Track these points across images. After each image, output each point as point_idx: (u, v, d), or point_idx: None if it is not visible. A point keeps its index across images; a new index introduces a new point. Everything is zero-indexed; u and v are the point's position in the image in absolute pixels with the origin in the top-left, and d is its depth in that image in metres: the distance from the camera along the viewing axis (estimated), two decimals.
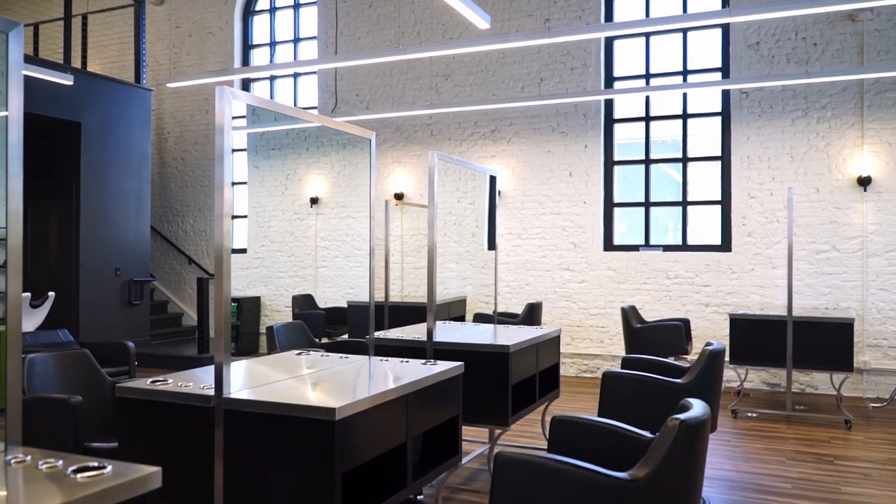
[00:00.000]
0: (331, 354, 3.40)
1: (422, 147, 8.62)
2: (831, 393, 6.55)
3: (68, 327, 6.85)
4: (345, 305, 7.92)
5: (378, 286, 8.26)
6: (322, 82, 9.14)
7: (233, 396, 2.38)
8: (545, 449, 2.71)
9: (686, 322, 6.74)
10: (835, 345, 5.73)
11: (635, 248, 7.78)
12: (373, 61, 7.50)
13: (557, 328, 4.67)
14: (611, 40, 7.95)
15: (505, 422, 3.73)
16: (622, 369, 3.79)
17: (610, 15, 7.90)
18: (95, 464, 1.58)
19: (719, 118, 7.56)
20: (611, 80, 7.99)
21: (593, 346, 7.80)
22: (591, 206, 7.86)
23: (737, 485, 4.20)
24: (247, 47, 9.91)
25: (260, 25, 9.95)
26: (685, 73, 7.72)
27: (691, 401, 2.26)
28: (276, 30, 9.82)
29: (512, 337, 4.05)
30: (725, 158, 7.44)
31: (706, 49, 7.67)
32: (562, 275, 7.95)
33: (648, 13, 7.83)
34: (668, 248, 7.64)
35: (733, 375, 6.96)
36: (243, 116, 9.86)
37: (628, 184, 8.07)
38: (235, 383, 2.59)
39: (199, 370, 2.86)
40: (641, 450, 2.36)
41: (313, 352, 3.52)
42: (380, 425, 2.51)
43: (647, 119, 7.90)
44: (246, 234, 9.73)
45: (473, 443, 4.71)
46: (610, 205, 7.93)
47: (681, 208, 7.77)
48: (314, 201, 9.07)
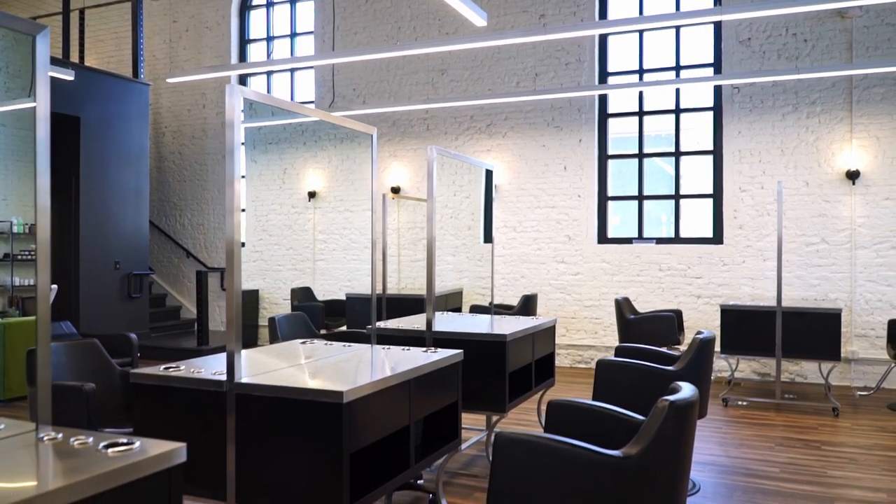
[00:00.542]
0: (334, 343, 3.51)
1: (418, 141, 8.72)
2: (820, 382, 6.70)
3: (69, 319, 6.94)
4: (343, 298, 8.03)
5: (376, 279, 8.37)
6: (319, 77, 9.23)
7: (244, 381, 2.49)
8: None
9: (678, 313, 6.87)
10: (823, 335, 5.88)
11: (629, 240, 7.90)
12: (370, 57, 7.58)
13: (553, 318, 4.79)
14: (605, 36, 8.06)
15: (502, 408, 3.85)
16: (616, 357, 3.91)
17: (604, 11, 8.00)
18: (125, 440, 1.69)
19: (711, 113, 7.68)
20: (605, 75, 8.10)
21: (587, 337, 7.93)
22: (586, 200, 7.98)
23: (727, 469, 4.33)
24: (244, 42, 9.98)
25: (256, 20, 10.01)
26: (678, 68, 7.84)
27: (680, 384, 2.38)
28: (272, 24, 9.89)
29: (509, 326, 4.17)
30: (717, 152, 7.57)
31: (698, 45, 7.79)
32: (557, 267, 8.07)
33: (642, 10, 7.93)
34: (661, 241, 7.77)
35: (725, 365, 7.10)
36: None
37: (622, 177, 8.19)
38: (244, 370, 2.70)
39: (209, 357, 2.97)
40: (633, 431, 2.48)
41: (317, 341, 3.63)
42: (384, 409, 2.62)
43: (641, 114, 8.01)
44: (244, 227, 9.82)
45: (471, 430, 4.83)
46: (604, 198, 8.05)
47: (673, 202, 7.90)
48: (312, 195, 9.16)
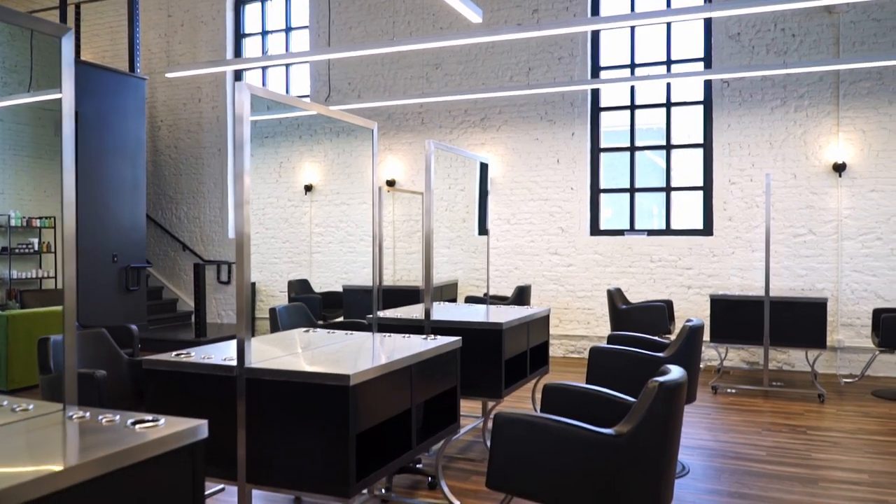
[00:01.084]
0: (336, 332, 3.63)
1: (413, 135, 8.83)
2: (806, 370, 6.87)
3: None
4: (339, 289, 8.14)
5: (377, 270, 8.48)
6: (314, 71, 9.30)
7: (254, 366, 2.60)
8: None
9: (669, 303, 7.02)
10: (809, 324, 6.04)
11: (621, 232, 8.04)
12: (366, 53, 7.67)
13: (547, 308, 4.92)
14: (597, 31, 8.16)
15: (498, 394, 3.97)
16: (608, 345, 4.05)
17: (596, 6, 8.11)
18: (150, 417, 1.80)
19: (702, 107, 7.81)
20: (597, 69, 8.22)
21: (580, 327, 8.07)
22: (578, 192, 8.11)
23: (716, 453, 4.48)
24: (239, 36, 10.04)
25: (251, 14, 10.07)
26: (669, 62, 7.96)
27: (670, 367, 2.51)
28: (267, 19, 9.95)
29: (504, 315, 4.30)
30: (707, 146, 7.70)
31: (689, 39, 7.91)
32: (550, 259, 8.20)
33: (634, 4, 8.05)
34: (652, 233, 7.91)
35: (714, 355, 7.26)
36: None
37: (614, 170, 8.32)
38: (252, 356, 2.81)
39: (220, 344, 3.08)
40: (624, 412, 2.61)
41: (319, 330, 3.75)
42: (387, 393, 2.74)
43: (633, 107, 8.14)
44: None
45: (467, 417, 4.96)
46: (596, 191, 8.18)
47: (664, 194, 8.03)
48: (308, 189, 9.26)
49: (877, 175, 6.98)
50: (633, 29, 8.04)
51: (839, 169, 7.05)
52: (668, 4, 7.92)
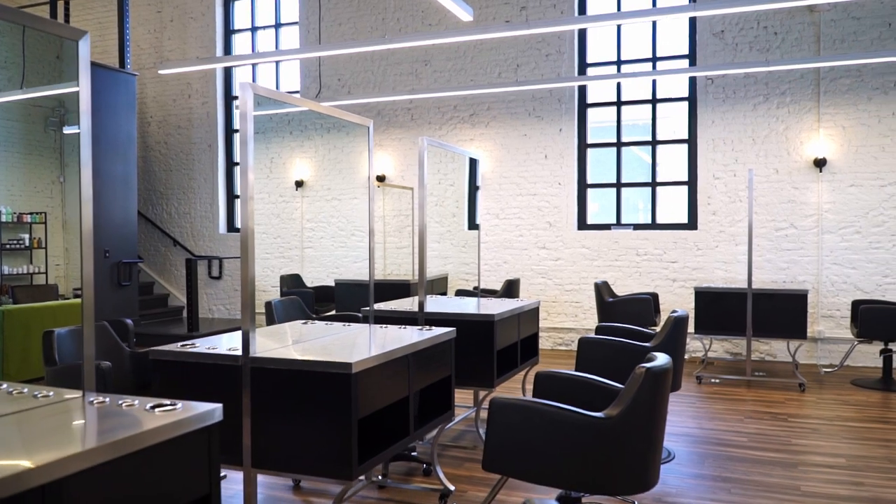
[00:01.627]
0: (333, 324, 3.74)
1: (402, 131, 8.92)
2: (788, 360, 7.05)
3: None
4: (331, 284, 8.23)
5: (363, 265, 8.58)
6: (304, 67, 9.37)
7: (258, 356, 2.70)
8: None
9: (655, 296, 7.17)
10: (791, 315, 6.21)
11: (607, 227, 8.19)
12: (357, 50, 7.75)
13: (536, 300, 5.05)
14: (584, 29, 8.29)
15: (490, 384, 4.10)
16: (596, 335, 4.18)
17: (583, 2, 8.23)
18: (167, 402, 1.91)
19: (686, 103, 7.96)
20: (584, 66, 8.35)
21: (568, 320, 8.22)
22: (566, 188, 8.24)
23: (700, 439, 4.63)
24: (228, 32, 10.08)
25: (241, 10, 10.11)
26: (654, 59, 8.10)
27: (656, 354, 2.64)
28: (257, 14, 10.00)
29: (496, 307, 4.42)
30: (692, 141, 7.86)
31: (674, 37, 8.06)
32: (538, 253, 8.34)
33: (620, 5, 8.18)
34: (638, 227, 8.07)
35: (699, 346, 7.42)
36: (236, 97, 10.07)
37: (601, 166, 8.46)
38: (255, 346, 2.91)
39: (222, 336, 3.18)
40: (612, 397, 2.74)
41: (317, 322, 3.85)
42: (386, 380, 2.86)
43: (619, 104, 8.28)
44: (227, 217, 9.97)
45: (459, 407, 5.08)
46: (583, 186, 8.32)
47: (650, 189, 8.19)
48: (299, 184, 9.34)
49: (856, 170, 7.16)
50: (619, 27, 8.17)
51: (820, 164, 7.22)
52: (654, 3, 8.06)
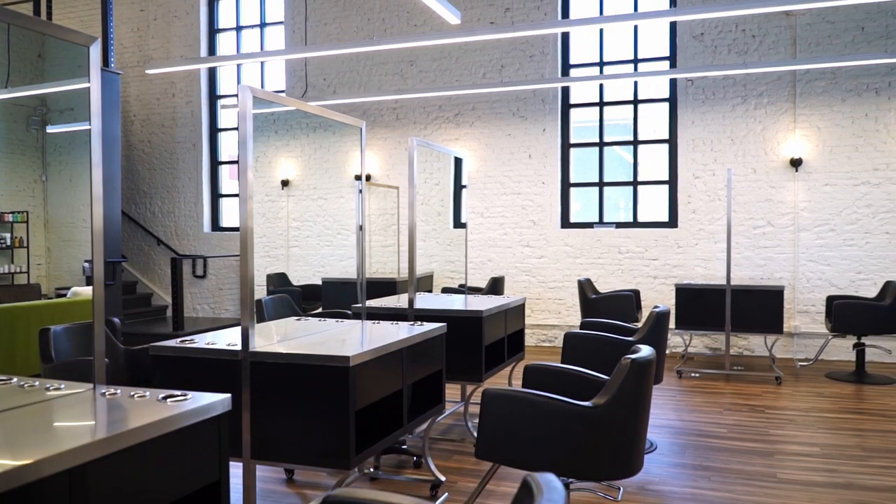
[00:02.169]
0: (326, 320, 3.82)
1: (388, 130, 9.00)
2: (765, 355, 7.24)
3: None
4: (317, 282, 8.29)
5: (350, 264, 8.65)
6: (290, 67, 9.42)
7: (257, 350, 2.79)
8: None
9: (636, 293, 7.32)
10: (768, 310, 6.39)
11: (590, 225, 8.33)
12: (343, 52, 7.82)
13: (522, 297, 5.16)
14: (567, 31, 8.42)
15: (479, 378, 4.21)
16: (581, 330, 4.30)
17: (566, 4, 8.37)
18: (178, 393, 1.99)
19: (667, 104, 8.13)
20: (567, 67, 8.48)
21: (551, 317, 8.35)
22: (549, 187, 8.37)
23: (681, 431, 4.78)
24: (213, 31, 10.09)
25: (226, 9, 10.13)
26: (636, 61, 8.26)
27: (640, 346, 2.76)
28: (241, 14, 10.02)
29: (483, 304, 4.53)
30: (672, 141, 8.02)
31: (655, 39, 8.22)
32: (522, 251, 8.47)
33: (602, 7, 8.33)
34: (620, 225, 8.22)
35: (679, 341, 7.59)
36: (231, 95, 10.09)
37: (583, 165, 8.61)
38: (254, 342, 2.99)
39: (222, 331, 3.26)
40: (598, 388, 2.86)
41: (310, 318, 3.93)
42: (381, 373, 2.95)
43: (601, 104, 8.43)
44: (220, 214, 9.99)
45: (448, 402, 5.18)
46: (566, 185, 8.46)
47: (632, 188, 8.34)
48: (285, 184, 9.38)
49: (830, 170, 7.36)
50: (601, 29, 8.31)
51: (796, 164, 7.41)
52: (636, 7, 8.21)
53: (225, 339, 3.03)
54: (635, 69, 8.24)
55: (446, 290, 7.53)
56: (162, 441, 1.77)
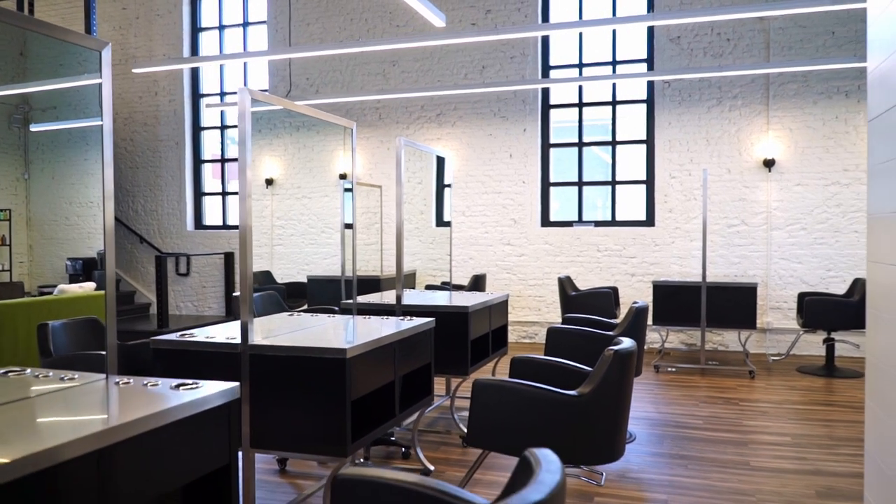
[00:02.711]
0: (318, 315, 3.93)
1: (370, 130, 9.11)
2: (739, 350, 7.47)
3: None
4: (301, 280, 8.38)
5: (334, 262, 8.75)
6: (273, 66, 9.48)
7: (256, 343, 2.90)
8: None
9: (615, 290, 7.51)
10: (741, 307, 6.61)
11: (569, 223, 8.51)
12: (326, 53, 7.91)
13: (506, 293, 5.31)
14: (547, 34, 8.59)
15: (465, 371, 4.34)
16: (563, 325, 4.46)
17: (546, 6, 8.53)
18: (190, 382, 2.10)
19: (644, 105, 8.32)
20: (547, 68, 8.65)
21: (532, 314, 8.52)
22: (530, 186, 8.54)
23: (658, 422, 4.96)
24: (195, 30, 10.12)
25: (208, 7, 10.15)
26: (614, 63, 8.44)
27: (622, 338, 2.92)
28: (224, 12, 10.06)
29: (469, 300, 4.66)
30: (650, 142, 8.22)
31: (633, 42, 8.41)
32: (503, 249, 8.62)
33: (581, 6, 8.50)
34: (598, 224, 8.40)
35: (657, 337, 7.79)
36: (214, 94, 10.12)
37: (563, 164, 8.78)
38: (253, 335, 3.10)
39: (219, 326, 3.36)
40: (582, 379, 3.01)
41: (303, 314, 4.04)
42: (375, 366, 3.07)
43: (580, 105, 8.60)
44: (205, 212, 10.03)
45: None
46: (546, 184, 8.63)
47: (610, 187, 8.53)
48: (269, 182, 9.45)
49: (802, 170, 7.60)
50: (581, 32, 8.48)
51: (769, 164, 7.64)
52: (614, 12, 8.39)
53: (223, 334, 3.13)
54: (614, 71, 8.42)
55: (429, 288, 7.67)
56: (179, 425, 1.88)
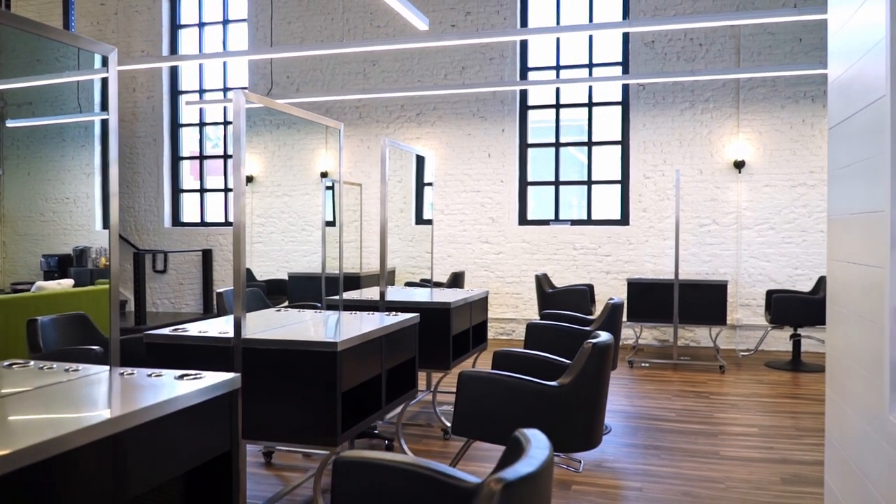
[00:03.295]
0: (305, 310, 4.03)
1: (351, 128, 9.19)
2: (710, 346, 7.70)
3: None
4: (282, 277, 8.45)
5: (314, 259, 8.82)
6: (254, 64, 9.52)
7: (248, 337, 3.00)
8: None
9: (591, 287, 7.69)
10: (712, 304, 6.83)
11: (546, 222, 8.68)
12: (309, 53, 7.98)
13: (486, 290, 5.45)
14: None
15: (447, 366, 4.47)
16: (542, 320, 4.61)
17: (525, 8, 8.69)
18: (192, 373, 2.20)
19: (619, 107, 8.52)
20: (525, 70, 8.81)
21: (509, 310, 8.68)
22: (508, 185, 8.69)
23: (633, 415, 5.13)
24: (175, 26, 10.11)
25: (188, 4, 10.15)
26: (591, 66, 8.63)
27: (599, 332, 3.06)
28: (204, 10, 10.06)
29: (450, 296, 4.79)
30: (624, 143, 8.42)
31: (609, 45, 8.60)
32: (481, 247, 8.77)
33: (559, 9, 8.67)
34: (575, 223, 8.59)
35: (631, 334, 7.99)
36: (193, 91, 10.12)
37: (540, 164, 8.95)
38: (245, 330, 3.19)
39: (210, 321, 3.44)
40: (561, 371, 3.15)
41: (290, 309, 4.14)
42: (364, 359, 3.19)
43: (557, 106, 8.78)
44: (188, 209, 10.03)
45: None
46: (524, 183, 8.79)
47: (586, 187, 8.72)
48: (249, 179, 9.49)
49: (770, 172, 7.84)
50: (558, 37, 8.65)
51: (739, 166, 7.88)
52: (591, 16, 8.57)
53: (214, 328, 3.22)
54: (590, 74, 8.61)
55: (409, 285, 7.79)
56: (186, 413, 1.98)
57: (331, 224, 8.90)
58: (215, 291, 9.24)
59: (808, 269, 7.74)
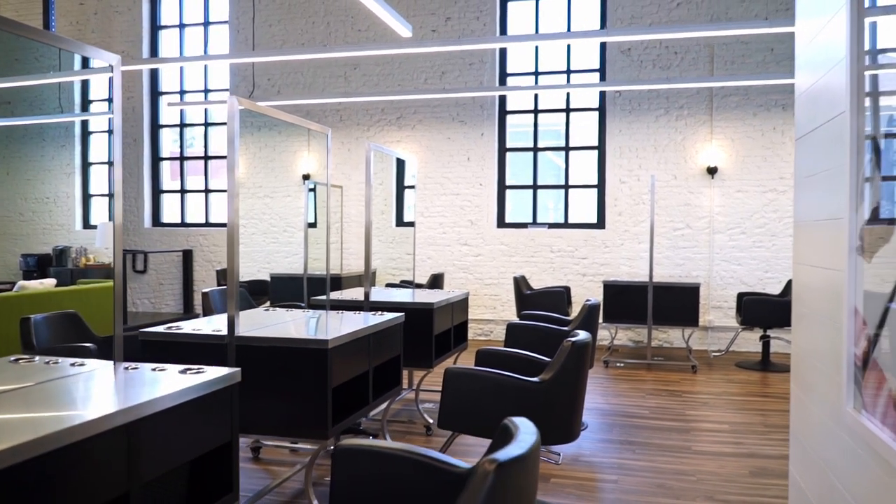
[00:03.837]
0: (293, 310, 4.14)
1: (332, 131, 9.25)
2: (682, 347, 7.91)
3: None
4: (264, 278, 8.51)
5: (295, 260, 8.89)
6: (234, 67, 9.56)
7: (242, 335, 3.10)
8: None
9: (567, 289, 7.87)
10: (685, 305, 7.04)
11: (524, 225, 8.85)
12: (290, 58, 8.06)
13: (466, 291, 5.58)
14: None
15: (430, 364, 4.60)
16: (522, 320, 4.75)
17: (504, 15, 8.85)
18: (195, 367, 2.31)
19: (597, 113, 8.72)
20: (504, 75, 8.97)
21: (487, 312, 8.83)
22: (487, 188, 8.84)
23: (609, 412, 5.30)
24: (155, 28, 10.12)
25: (168, 5, 10.16)
26: (569, 72, 8.82)
27: (577, 331, 3.21)
28: (185, 11, 10.09)
29: (433, 297, 4.92)
30: (601, 148, 8.62)
31: (586, 53, 8.80)
32: (460, 249, 8.91)
33: (538, 17, 8.85)
34: (552, 226, 8.76)
35: (606, 335, 8.18)
36: (174, 92, 10.13)
37: (518, 168, 9.12)
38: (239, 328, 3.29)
39: (202, 319, 3.54)
40: (541, 368, 3.30)
41: (278, 308, 4.24)
42: (352, 356, 3.31)
43: (536, 111, 8.95)
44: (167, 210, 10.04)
45: None
46: (503, 187, 8.95)
47: (563, 191, 8.90)
48: None
49: (742, 177, 8.08)
50: (536, 45, 8.82)
51: (712, 171, 8.11)
52: (569, 24, 8.76)
53: (208, 326, 3.32)
54: (568, 80, 8.79)
55: (390, 286, 7.90)
56: (192, 404, 2.09)
57: (312, 226, 8.99)
58: (200, 291, 9.29)
59: (778, 272, 7.99)
